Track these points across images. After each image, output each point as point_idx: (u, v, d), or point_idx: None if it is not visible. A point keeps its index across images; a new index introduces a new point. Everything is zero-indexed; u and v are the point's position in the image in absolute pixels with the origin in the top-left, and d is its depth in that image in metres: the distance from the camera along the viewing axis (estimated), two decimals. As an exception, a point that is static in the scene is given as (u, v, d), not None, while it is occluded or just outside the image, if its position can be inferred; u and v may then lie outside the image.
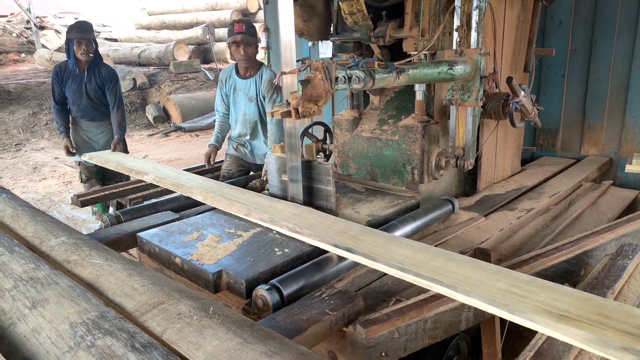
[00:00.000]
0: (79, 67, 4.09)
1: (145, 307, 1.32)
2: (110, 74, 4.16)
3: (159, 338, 1.20)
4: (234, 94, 3.58)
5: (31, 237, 1.89)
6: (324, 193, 2.37)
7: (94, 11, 18.67)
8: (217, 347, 1.12)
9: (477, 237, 2.31)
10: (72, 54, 4.03)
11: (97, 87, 4.15)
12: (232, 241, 2.09)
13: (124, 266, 1.57)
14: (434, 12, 2.42)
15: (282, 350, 1.10)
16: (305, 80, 1.79)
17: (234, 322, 1.22)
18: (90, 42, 4.02)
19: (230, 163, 3.69)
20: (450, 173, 2.83)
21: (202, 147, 8.50)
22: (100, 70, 4.14)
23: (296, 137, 2.31)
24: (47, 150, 8.63)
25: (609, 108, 3.59)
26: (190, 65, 11.50)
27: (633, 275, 1.79)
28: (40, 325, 1.21)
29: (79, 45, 3.97)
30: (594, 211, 2.82)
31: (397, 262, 1.55)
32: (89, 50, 4.01)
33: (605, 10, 3.48)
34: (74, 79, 4.12)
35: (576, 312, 1.23)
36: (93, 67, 4.12)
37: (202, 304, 1.32)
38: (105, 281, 1.49)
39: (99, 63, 4.17)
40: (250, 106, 3.51)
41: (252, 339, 1.14)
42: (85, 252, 1.70)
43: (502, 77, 2.72)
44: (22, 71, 12.69)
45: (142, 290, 1.41)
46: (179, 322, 1.23)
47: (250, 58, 3.39)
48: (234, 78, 3.56)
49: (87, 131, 4.30)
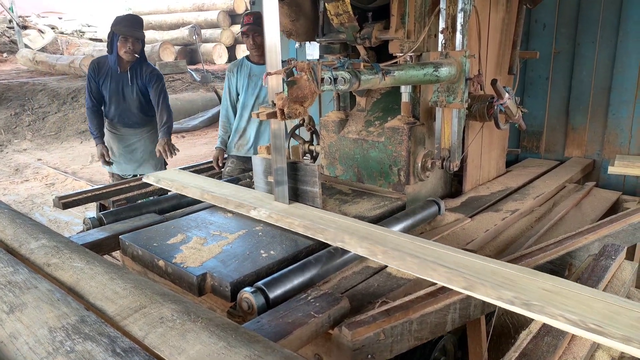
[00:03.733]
0: (120, 66, 3.70)
1: (126, 311, 1.29)
2: (154, 73, 3.82)
3: (140, 342, 1.17)
4: (248, 79, 3.70)
5: (10, 240, 1.84)
6: (310, 194, 2.36)
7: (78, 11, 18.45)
8: (200, 351, 1.10)
9: (462, 238, 2.32)
10: (115, 50, 3.64)
11: (139, 90, 3.79)
12: (217, 243, 2.07)
13: (106, 269, 1.55)
14: (419, 14, 2.43)
15: (267, 354, 1.08)
16: (291, 81, 1.78)
17: (217, 326, 1.20)
18: (137, 41, 3.66)
19: (232, 169, 3.70)
20: (436, 174, 2.84)
21: (189, 148, 8.44)
22: (143, 71, 3.76)
23: (282, 138, 2.30)
24: (29, 152, 8.49)
25: (592, 110, 3.64)
26: (176, 66, 11.43)
27: (616, 275, 1.81)
28: (18, 331, 1.18)
29: (125, 42, 3.59)
30: (578, 212, 2.85)
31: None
32: (135, 50, 3.65)
33: (588, 13, 3.53)
34: (113, 78, 3.73)
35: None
36: (136, 68, 3.75)
37: (186, 308, 1.29)
38: (86, 285, 1.46)
39: (142, 64, 3.79)
40: (265, 90, 3.62)
41: (236, 342, 1.13)
42: (66, 255, 1.66)
43: (487, 79, 2.74)
44: (4, 71, 12.49)
45: (123, 294, 1.38)
46: (161, 326, 1.21)
47: (260, 46, 3.56)
48: (248, 65, 3.73)
49: (123, 137, 3.94)
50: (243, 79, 3.73)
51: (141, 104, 3.84)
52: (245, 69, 3.73)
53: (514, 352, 1.36)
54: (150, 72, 3.80)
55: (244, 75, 3.73)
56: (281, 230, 2.23)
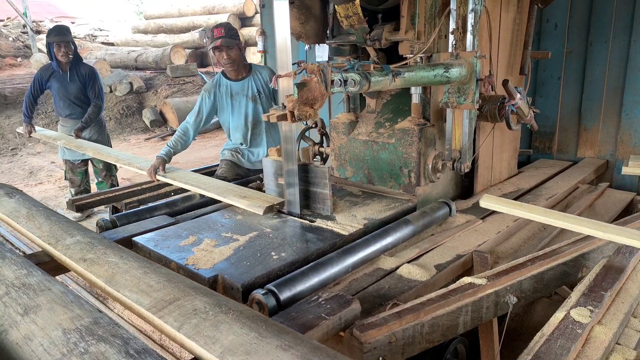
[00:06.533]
0: (61, 68, 4.40)
1: (161, 303, 1.34)
2: (90, 71, 4.48)
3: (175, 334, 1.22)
4: (231, 99, 3.42)
5: (47, 236, 1.93)
6: (320, 196, 2.36)
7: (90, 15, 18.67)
8: (234, 341, 1.14)
9: (474, 240, 2.30)
10: (53, 56, 4.34)
11: (80, 86, 4.45)
12: (228, 245, 2.08)
13: (139, 264, 1.61)
14: (429, 15, 2.42)
15: (297, 344, 1.12)
16: (301, 84, 1.78)
17: (248, 318, 1.24)
18: (68, 44, 4.33)
19: (225, 170, 3.56)
20: (447, 176, 2.83)
21: (199, 150, 8.49)
22: (80, 70, 4.44)
23: (292, 140, 2.30)
24: (43, 155, 8.60)
25: (605, 110, 3.60)
26: (187, 69, 11.49)
27: (630, 277, 1.78)
28: (33, 332, 1.19)
29: (59, 48, 4.29)
30: (591, 213, 2.82)
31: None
32: (68, 52, 4.32)
33: (600, 12, 3.49)
34: (57, 79, 4.42)
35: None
36: (74, 67, 4.42)
37: (217, 300, 1.34)
38: (121, 278, 1.52)
39: (79, 63, 4.47)
40: (253, 106, 3.41)
41: (267, 333, 1.16)
42: (100, 250, 1.74)
43: (498, 79, 2.72)
44: (19, 75, 12.65)
45: (157, 287, 1.44)
46: (195, 318, 1.25)
47: (235, 61, 3.30)
48: (226, 84, 3.43)
49: (71, 128, 4.48)
50: (225, 101, 3.43)
51: (83, 97, 4.50)
52: (224, 88, 3.42)
53: (526, 355, 1.35)
54: (86, 70, 4.47)
55: (224, 97, 3.42)
56: (292, 233, 2.23)
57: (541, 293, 1.92)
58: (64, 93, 4.45)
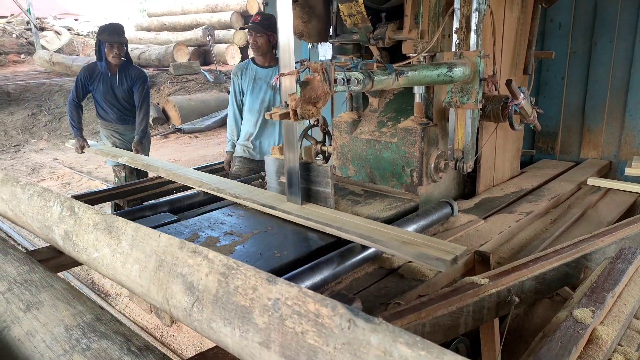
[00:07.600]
0: (109, 70, 4.04)
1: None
2: (139, 74, 4.14)
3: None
4: (253, 83, 3.63)
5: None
6: (322, 195, 2.36)
7: (93, 12, 18.70)
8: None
9: (476, 240, 2.30)
10: (103, 56, 3.96)
11: (128, 90, 4.12)
12: (230, 243, 2.08)
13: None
14: (433, 14, 2.42)
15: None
16: (304, 82, 1.78)
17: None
18: (122, 46, 3.97)
19: (239, 167, 3.70)
20: (449, 176, 2.82)
21: (202, 148, 8.50)
22: (130, 72, 4.10)
23: (294, 138, 2.30)
24: (46, 152, 8.62)
25: (609, 111, 3.59)
26: (189, 66, 11.51)
27: (633, 279, 1.78)
28: (35, 329, 1.20)
29: (111, 48, 3.92)
30: (594, 214, 2.81)
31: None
32: (121, 54, 3.96)
33: (604, 12, 3.48)
34: (104, 81, 4.05)
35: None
36: (123, 70, 4.07)
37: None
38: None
39: (128, 65, 4.12)
40: (271, 94, 3.60)
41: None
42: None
43: (502, 79, 2.71)
44: (22, 72, 12.70)
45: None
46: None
47: (260, 48, 3.50)
48: (253, 69, 3.64)
49: (123, 135, 4.25)
50: (248, 82, 3.66)
51: (130, 101, 4.19)
52: (251, 72, 3.66)
53: (527, 356, 1.35)
54: (136, 73, 4.14)
55: (249, 78, 3.66)
56: (293, 231, 2.23)
57: (543, 294, 1.92)
58: (111, 97, 4.11)
